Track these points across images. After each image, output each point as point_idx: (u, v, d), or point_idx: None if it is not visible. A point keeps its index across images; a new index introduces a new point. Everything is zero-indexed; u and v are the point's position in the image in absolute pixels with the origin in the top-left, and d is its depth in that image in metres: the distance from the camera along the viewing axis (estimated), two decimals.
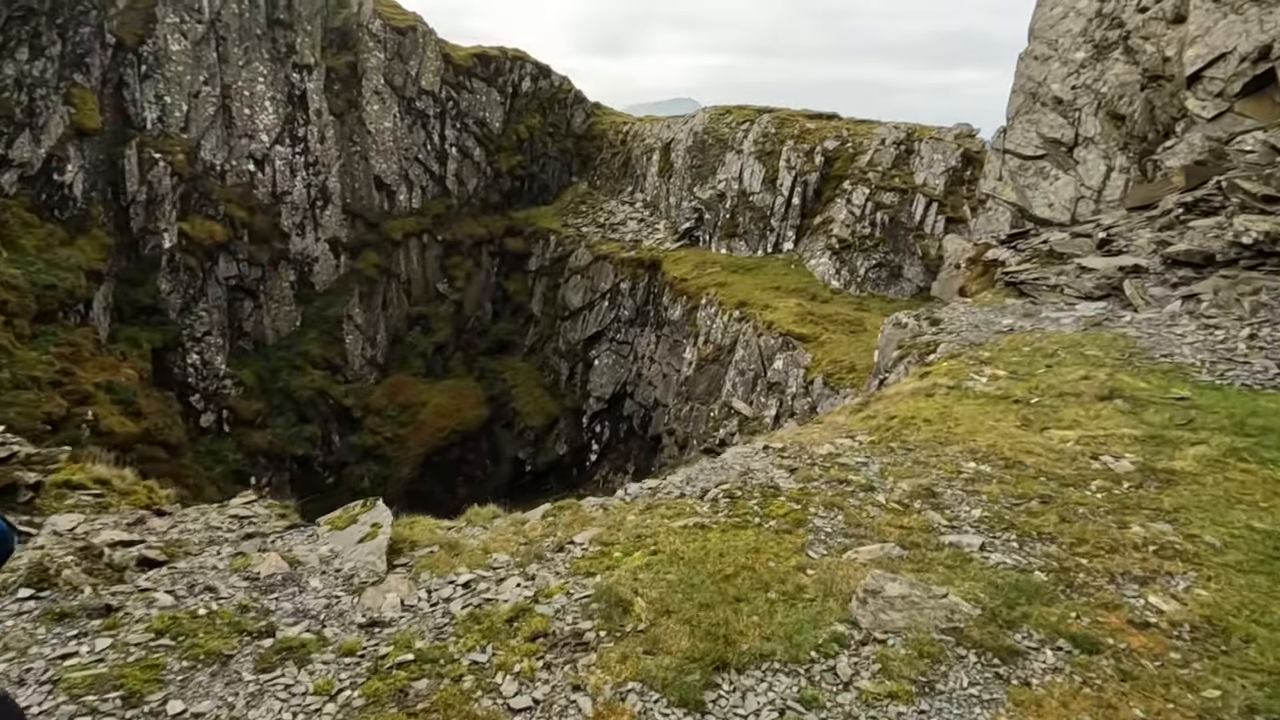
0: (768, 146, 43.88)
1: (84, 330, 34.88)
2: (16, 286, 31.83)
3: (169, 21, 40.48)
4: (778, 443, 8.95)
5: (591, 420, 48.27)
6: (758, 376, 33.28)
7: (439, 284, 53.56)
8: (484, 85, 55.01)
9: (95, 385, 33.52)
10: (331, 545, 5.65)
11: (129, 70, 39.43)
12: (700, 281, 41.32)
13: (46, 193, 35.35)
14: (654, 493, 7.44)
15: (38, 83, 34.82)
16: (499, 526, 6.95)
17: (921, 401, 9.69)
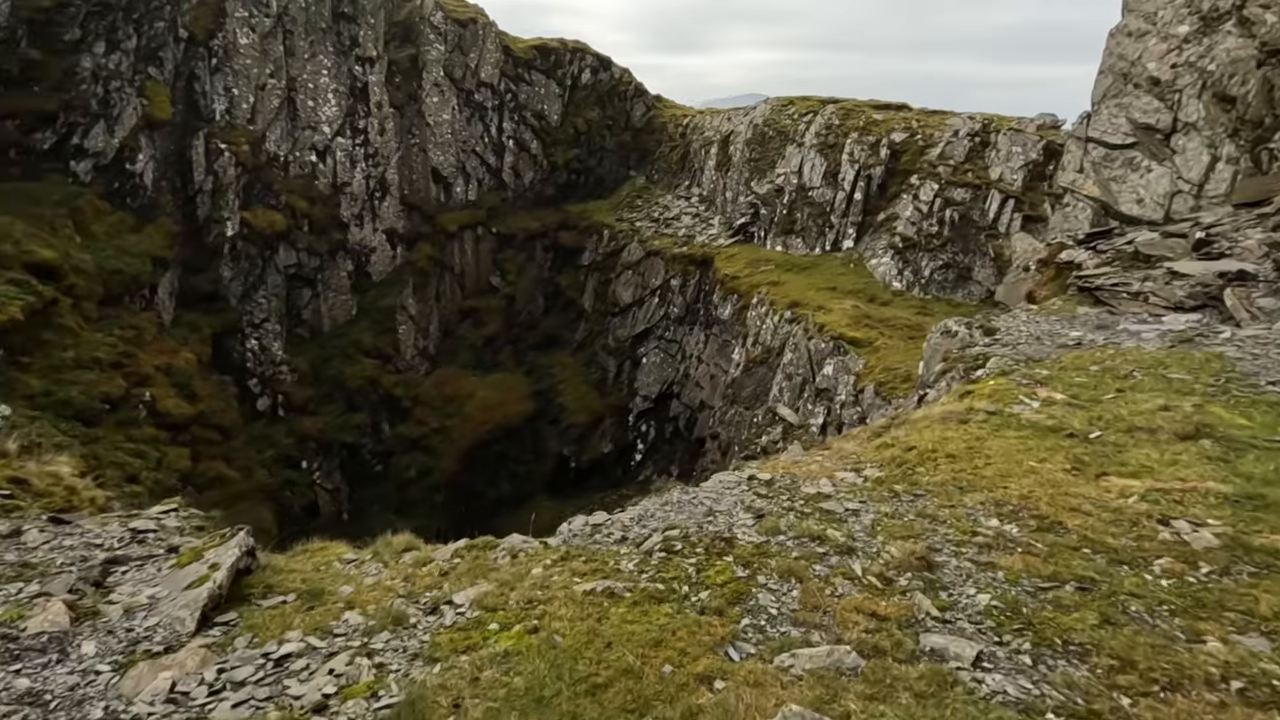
0: (830, 139, 41.54)
1: (148, 314, 36.20)
2: (86, 271, 33.18)
3: (238, 16, 41.61)
4: (766, 473, 7.50)
5: (637, 419, 47.15)
6: (805, 382, 31.31)
7: (492, 277, 53.55)
8: (543, 77, 54.57)
9: (155, 368, 34.69)
10: (157, 589, 4.64)
11: (200, 63, 40.74)
12: (752, 280, 39.49)
13: (119, 181, 36.83)
14: (594, 531, 6.17)
15: (113, 75, 36.28)
16: (401, 564, 5.83)
17: (950, 429, 8.01)
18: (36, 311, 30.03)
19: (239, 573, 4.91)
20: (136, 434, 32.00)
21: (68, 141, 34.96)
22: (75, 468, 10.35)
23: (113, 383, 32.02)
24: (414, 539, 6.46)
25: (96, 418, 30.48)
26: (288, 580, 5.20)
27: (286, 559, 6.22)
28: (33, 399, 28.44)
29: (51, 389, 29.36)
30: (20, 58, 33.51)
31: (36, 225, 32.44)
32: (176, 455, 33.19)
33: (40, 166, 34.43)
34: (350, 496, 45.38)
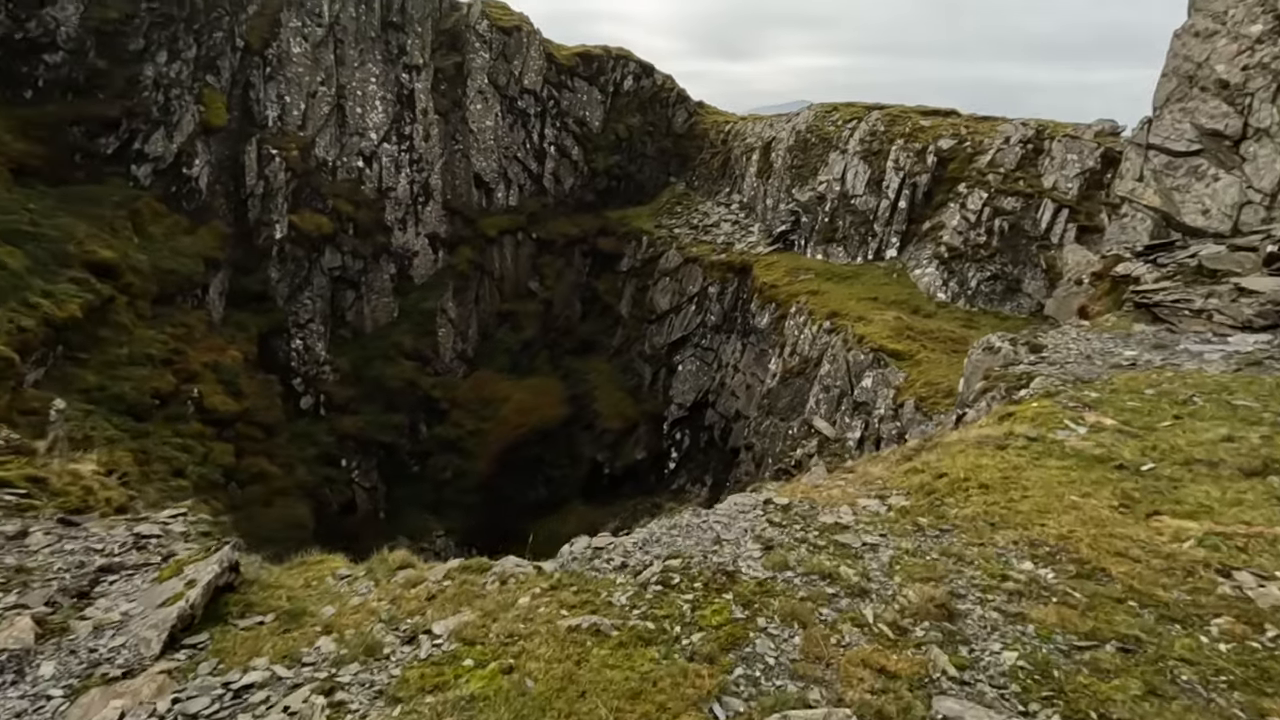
0: (875, 146, 40.57)
1: (198, 313, 37.42)
2: (142, 271, 34.47)
3: (292, 26, 42.88)
4: (784, 497, 7.08)
5: (672, 427, 46.72)
6: (843, 394, 30.46)
7: (530, 281, 53.89)
8: (585, 84, 54.83)
9: (204, 365, 35.79)
10: (134, 604, 4.50)
11: (255, 72, 42.09)
12: (791, 288, 38.74)
13: (176, 185, 38.23)
14: (595, 555, 5.85)
15: (174, 84, 37.72)
16: (393, 583, 5.62)
17: (986, 456, 7.45)
18: (94, 309, 31.27)
19: (218, 590, 4.76)
20: (184, 429, 32.99)
21: (130, 146, 36.44)
22: (101, 465, 10.51)
23: (163, 379, 33.10)
24: (410, 555, 6.26)
25: (147, 413, 31.51)
26: (271, 598, 5.03)
27: (281, 571, 6.08)
28: (88, 393, 29.60)
29: (106, 384, 30.50)
30: (88, 67, 35.08)
31: (98, 226, 33.84)
32: (221, 450, 34.10)
33: (103, 170, 35.93)
34: (387, 496, 46.05)
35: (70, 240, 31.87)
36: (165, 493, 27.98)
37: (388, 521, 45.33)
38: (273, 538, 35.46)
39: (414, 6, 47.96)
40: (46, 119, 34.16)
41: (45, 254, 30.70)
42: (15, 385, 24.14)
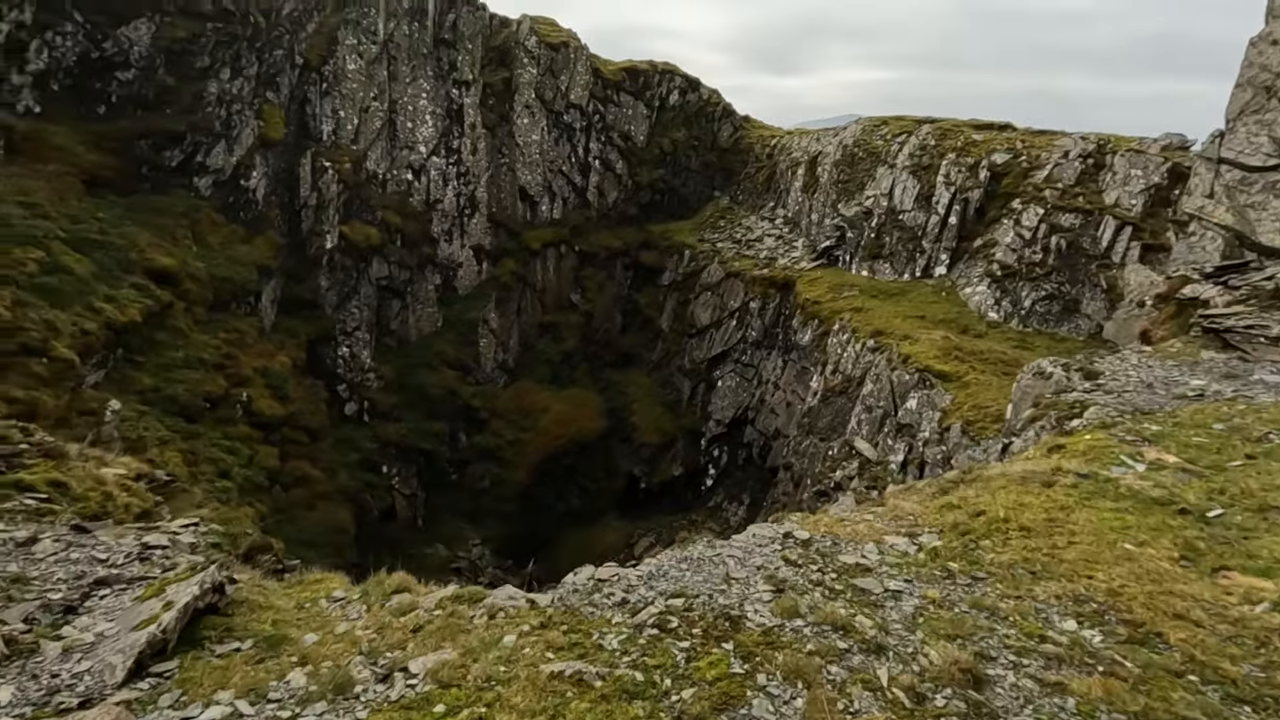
0: (925, 160, 39.50)
1: (250, 319, 38.62)
2: (199, 278, 35.80)
3: (348, 43, 44.28)
4: (806, 530, 6.62)
5: (710, 444, 46.08)
6: (886, 415, 29.44)
7: (572, 294, 54.13)
8: (631, 99, 55.10)
9: (254, 370, 36.87)
10: (112, 624, 4.36)
11: (312, 88, 43.55)
12: (835, 305, 37.85)
13: (234, 196, 39.69)
14: (596, 588, 5.52)
15: (235, 99, 39.27)
16: (386, 608, 5.39)
17: (1030, 493, 6.84)
18: (153, 314, 32.55)
19: (199, 612, 4.59)
20: (232, 431, 33.95)
21: (192, 159, 38.00)
22: (130, 470, 10.65)
23: (214, 382, 34.18)
24: (407, 578, 6.03)
25: (198, 414, 32.55)
26: (256, 621, 4.85)
27: (279, 589, 5.91)
28: (143, 395, 30.74)
29: (160, 386, 31.64)
30: (157, 84, 36.81)
31: (159, 235, 35.32)
32: (267, 453, 34.98)
33: (168, 182, 37.53)
34: (426, 503, 46.56)
35: (134, 248, 33.32)
36: (211, 493, 28.82)
37: (426, 529, 45.83)
38: (314, 541, 36.28)
39: (465, 24, 49.04)
40: (118, 133, 35.91)
41: (110, 261, 32.14)
42: (74, 386, 25.20)
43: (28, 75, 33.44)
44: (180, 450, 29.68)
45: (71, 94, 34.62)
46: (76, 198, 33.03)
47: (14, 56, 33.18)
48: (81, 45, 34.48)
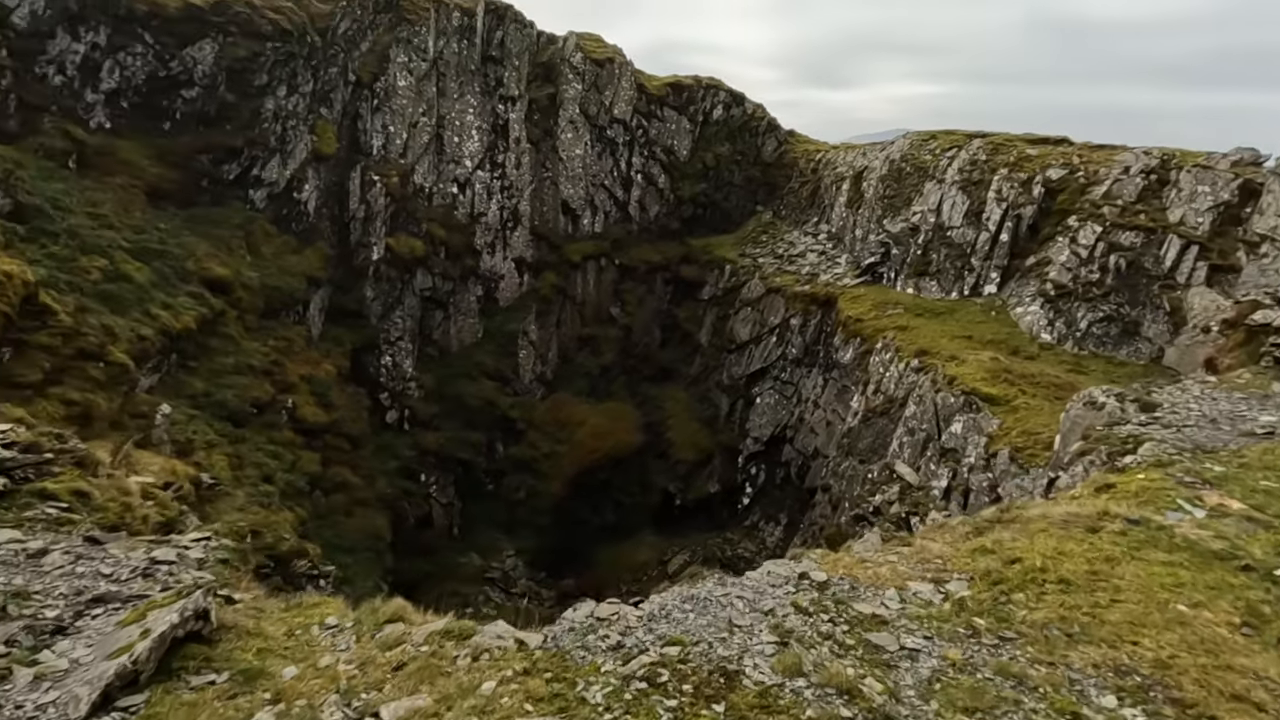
0: (975, 175, 38.32)
1: (298, 328, 39.74)
2: (251, 287, 37.03)
3: (399, 61, 45.49)
4: (824, 571, 6.22)
5: (747, 461, 45.30)
6: (930, 439, 28.39)
7: (611, 307, 54.19)
8: (675, 114, 55.15)
9: (299, 377, 37.87)
10: (88, 651, 4.27)
11: (363, 104, 44.86)
12: (878, 323, 36.86)
13: (286, 208, 41.05)
14: (592, 628, 5.24)
15: (291, 115, 40.71)
16: (375, 640, 5.21)
17: (1072, 540, 6.29)
18: (207, 321, 33.74)
19: (179, 641, 4.48)
20: (277, 436, 34.83)
21: (249, 172, 39.48)
22: (159, 478, 10.82)
23: (262, 388, 35.17)
24: (403, 606, 5.85)
25: (245, 419, 33.50)
26: (240, 650, 4.72)
27: (277, 610, 5.80)
28: (194, 399, 31.80)
29: (211, 391, 32.70)
30: (218, 101, 38.41)
31: (216, 245, 36.69)
32: (309, 459, 35.76)
33: (226, 194, 39.05)
34: (462, 512, 46.94)
35: (191, 257, 34.67)
36: (254, 497, 29.53)
37: (461, 537, 46.17)
38: (352, 547, 36.87)
39: (512, 41, 49.92)
40: (180, 148, 37.56)
41: (169, 270, 33.49)
42: (128, 390, 26.18)
43: (101, 93, 35.30)
44: (226, 454, 30.55)
45: (139, 111, 36.38)
46: (140, 209, 34.58)
47: (89, 76, 35.08)
48: (150, 65, 36.25)
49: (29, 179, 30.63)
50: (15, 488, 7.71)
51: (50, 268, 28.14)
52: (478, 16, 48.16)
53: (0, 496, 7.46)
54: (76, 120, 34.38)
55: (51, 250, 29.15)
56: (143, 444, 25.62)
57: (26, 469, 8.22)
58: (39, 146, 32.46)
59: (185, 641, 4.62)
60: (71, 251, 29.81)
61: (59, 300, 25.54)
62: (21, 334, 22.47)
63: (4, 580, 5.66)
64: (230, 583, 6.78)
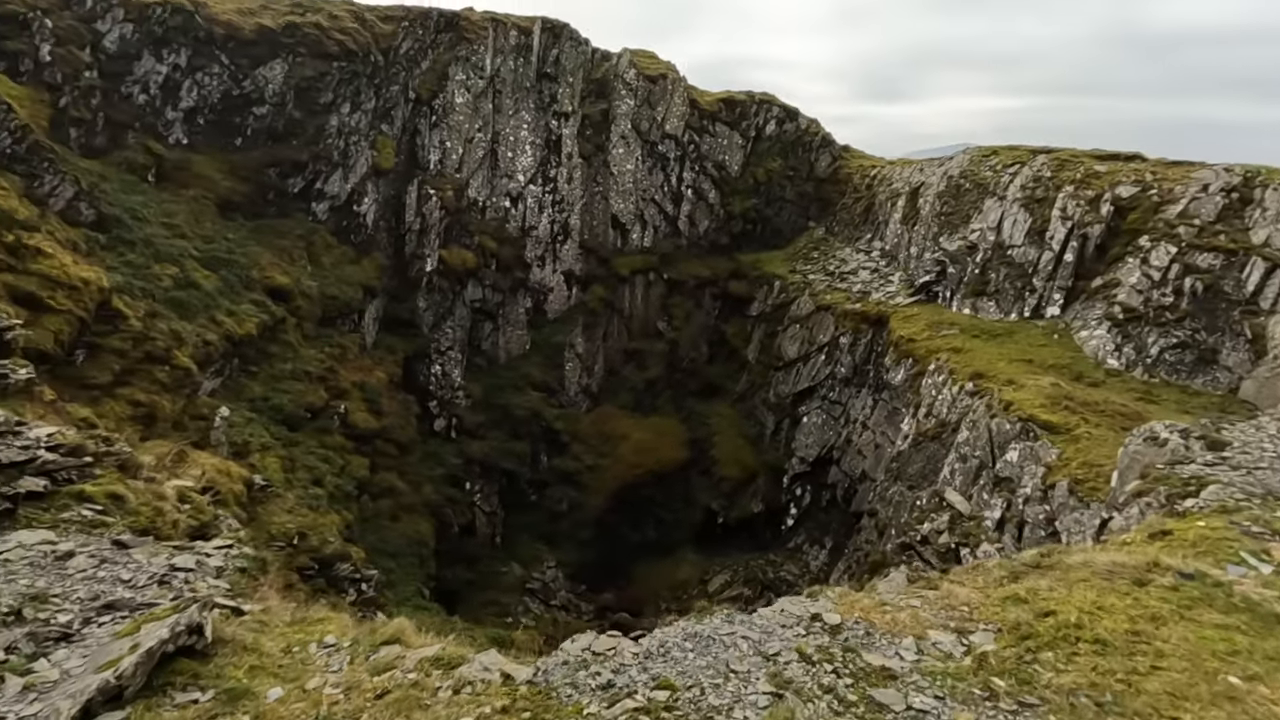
0: (1039, 193, 36.82)
1: (353, 336, 41.00)
2: (310, 295, 38.45)
3: (458, 79, 46.78)
4: (839, 613, 5.88)
5: (792, 482, 44.34)
6: (983, 466, 27.14)
7: (659, 321, 54.11)
8: (726, 129, 55.00)
9: (352, 383, 39.01)
10: (80, 663, 4.33)
11: (422, 120, 46.25)
12: (931, 344, 35.65)
13: (346, 220, 42.56)
14: (585, 664, 5.05)
15: (353, 131, 42.30)
16: (368, 662, 5.15)
17: (1115, 594, 5.77)
18: (268, 328, 35.15)
19: (169, 655, 4.50)
20: (328, 441, 35.87)
21: (312, 186, 41.12)
22: (198, 482, 11.15)
23: (316, 394, 36.35)
24: (403, 626, 5.79)
25: (299, 423, 34.68)
26: (231, 667, 4.72)
27: (281, 625, 5.80)
28: (253, 403, 33.10)
29: (268, 395, 33.99)
30: (287, 117, 40.22)
31: (279, 255, 38.27)
32: (358, 464, 36.69)
33: (290, 207, 40.76)
34: (504, 521, 47.36)
35: (255, 266, 36.24)
36: (303, 500, 30.41)
37: (503, 547, 46.55)
38: (396, 552, 37.56)
39: (567, 59, 50.74)
40: (250, 162, 39.44)
41: (235, 278, 35.07)
42: (191, 393, 27.44)
43: (180, 111, 37.43)
44: (280, 456, 31.63)
45: (214, 127, 38.40)
46: (210, 220, 36.40)
47: (170, 95, 37.26)
48: (225, 84, 38.27)
49: (112, 191, 32.65)
50: (55, 489, 8.04)
51: (127, 275, 29.85)
52: (534, 35, 49.17)
53: (40, 497, 7.81)
54: (157, 136, 36.50)
55: (128, 258, 30.91)
56: (201, 445, 26.76)
57: (70, 471, 8.58)
58: (122, 161, 34.56)
59: (178, 656, 4.66)
60: (146, 259, 31.55)
61: (131, 306, 27.03)
62: (95, 337, 23.85)
63: (27, 582, 5.88)
64: (245, 592, 6.88)
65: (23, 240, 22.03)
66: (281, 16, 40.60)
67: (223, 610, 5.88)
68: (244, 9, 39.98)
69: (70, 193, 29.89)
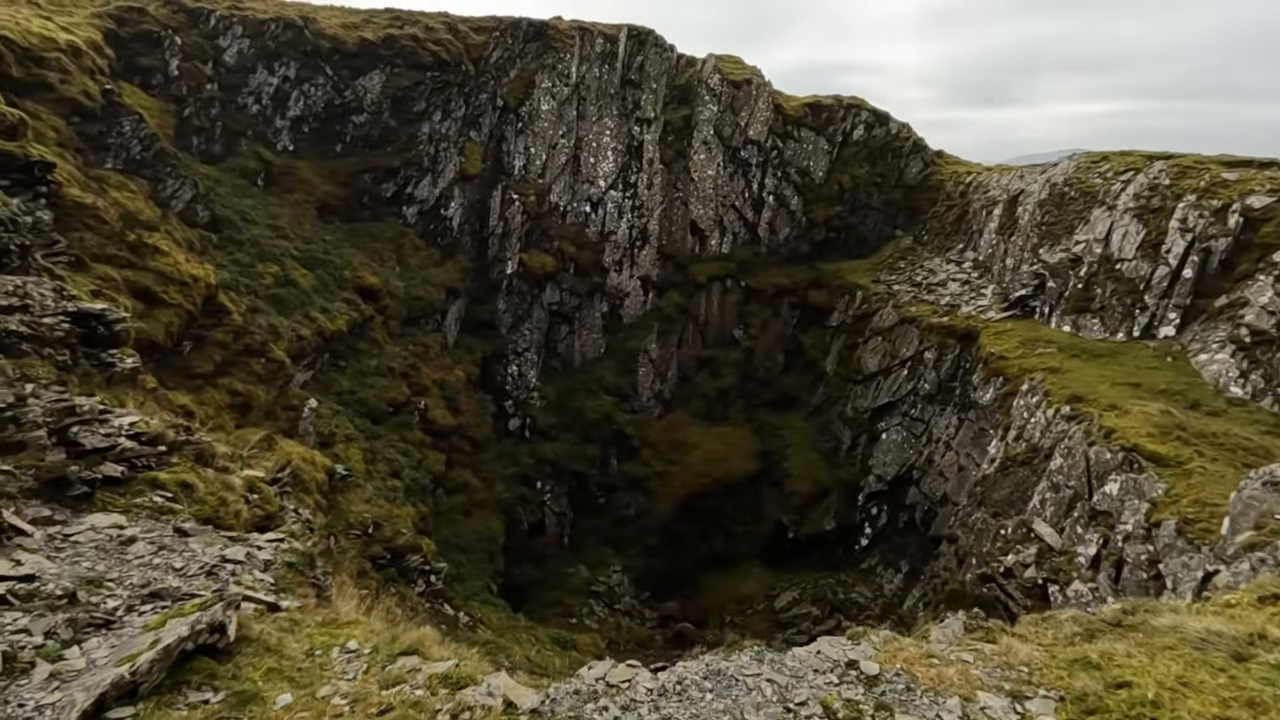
0: (1155, 202, 33.83)
1: (435, 335, 42.56)
2: (397, 295, 40.20)
3: (544, 86, 47.84)
4: (878, 663, 5.41)
5: (867, 500, 42.58)
6: (1078, 498, 25.05)
7: (734, 329, 53.36)
8: (812, 134, 53.67)
9: (432, 381, 40.46)
10: (107, 653, 4.48)
11: (509, 127, 47.55)
12: (1025, 363, 33.37)
13: (434, 224, 44.26)
14: (595, 696, 4.84)
15: (443, 138, 43.98)
16: (381, 674, 5.13)
17: (1207, 669, 5.01)
18: (357, 325, 36.98)
19: (188, 654, 4.60)
20: (408, 435, 37.31)
21: (404, 190, 43.03)
22: (268, 472, 11.67)
23: (399, 390, 37.92)
24: (424, 637, 5.75)
25: (381, 417, 36.24)
26: (250, 669, 4.80)
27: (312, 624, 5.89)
28: (340, 396, 34.88)
29: (355, 389, 35.72)
30: (382, 126, 42.29)
31: (370, 257, 40.24)
32: (435, 459, 37.98)
33: (382, 210, 42.80)
34: (573, 523, 47.88)
35: (348, 267, 38.23)
36: (381, 491, 31.73)
37: (571, 548, 47.05)
38: (467, 547, 38.60)
39: (652, 65, 50.95)
40: (348, 168, 41.70)
41: (329, 277, 37.11)
42: (284, 384, 29.18)
43: (287, 120, 40.03)
44: (362, 448, 33.17)
45: (316, 135, 40.84)
46: (310, 222, 38.69)
47: (279, 105, 39.92)
48: (328, 94, 40.64)
49: (225, 195, 35.26)
50: (133, 475, 8.61)
51: (234, 272, 32.12)
52: (620, 42, 49.64)
53: (118, 483, 8.35)
54: (266, 144, 39.17)
55: (236, 257, 33.26)
56: (289, 434, 28.38)
57: (149, 458, 9.16)
58: (235, 167, 37.28)
59: (199, 653, 4.78)
60: (252, 258, 33.85)
61: (235, 301, 29.04)
62: (201, 330, 25.75)
63: (89, 565, 6.26)
64: (288, 587, 7.09)
65: (143, 239, 24.05)
66: (381, 29, 42.75)
67: (257, 606, 6.07)
68: (348, 23, 42.34)
69: (189, 195, 32.43)
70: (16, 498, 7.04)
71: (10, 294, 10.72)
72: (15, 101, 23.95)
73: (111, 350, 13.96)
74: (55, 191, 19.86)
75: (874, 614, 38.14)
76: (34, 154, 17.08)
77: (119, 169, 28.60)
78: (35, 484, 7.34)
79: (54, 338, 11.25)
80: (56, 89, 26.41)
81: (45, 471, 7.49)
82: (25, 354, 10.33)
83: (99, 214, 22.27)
